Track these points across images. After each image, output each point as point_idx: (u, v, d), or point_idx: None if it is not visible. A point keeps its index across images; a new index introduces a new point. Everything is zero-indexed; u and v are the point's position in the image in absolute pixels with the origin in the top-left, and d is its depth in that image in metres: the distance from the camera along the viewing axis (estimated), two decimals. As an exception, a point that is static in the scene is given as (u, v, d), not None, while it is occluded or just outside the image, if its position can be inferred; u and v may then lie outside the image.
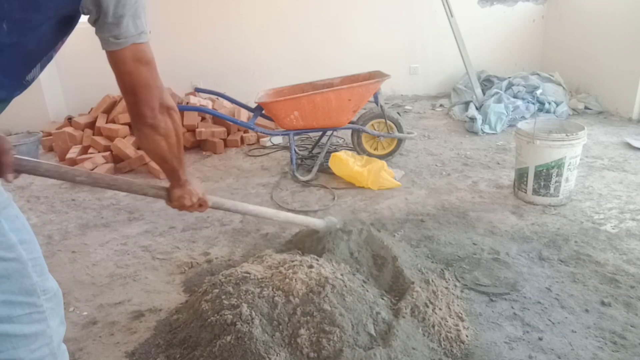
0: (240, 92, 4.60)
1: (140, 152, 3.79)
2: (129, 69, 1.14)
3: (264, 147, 4.25)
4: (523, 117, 4.39)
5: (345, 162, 3.24)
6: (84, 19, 1.10)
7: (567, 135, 2.63)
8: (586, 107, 4.82)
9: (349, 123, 3.52)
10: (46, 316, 1.08)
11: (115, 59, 1.13)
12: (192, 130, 4.19)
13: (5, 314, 0.99)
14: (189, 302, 2.00)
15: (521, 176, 2.85)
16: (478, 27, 5.54)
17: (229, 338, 1.58)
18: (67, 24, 1.06)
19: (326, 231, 2.15)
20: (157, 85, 1.20)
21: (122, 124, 4.13)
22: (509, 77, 5.00)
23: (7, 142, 1.17)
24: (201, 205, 1.58)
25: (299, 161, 3.76)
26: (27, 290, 1.03)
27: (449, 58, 5.48)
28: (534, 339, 1.74)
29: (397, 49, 5.66)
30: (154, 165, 3.63)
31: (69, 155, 3.85)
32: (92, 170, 3.58)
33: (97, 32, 1.10)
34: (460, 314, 1.85)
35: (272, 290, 1.76)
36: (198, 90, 3.93)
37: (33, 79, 1.11)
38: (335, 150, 3.61)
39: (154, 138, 1.26)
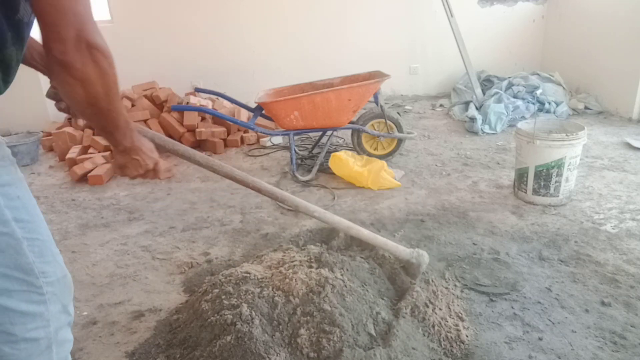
0: (240, 92, 4.60)
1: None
2: None
3: (264, 147, 4.25)
4: (523, 117, 4.39)
5: (345, 162, 3.24)
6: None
7: (567, 135, 2.63)
8: (586, 107, 4.82)
9: (349, 123, 3.52)
10: (46, 299, 1.08)
11: None
12: (192, 130, 4.20)
13: (3, 287, 1.01)
14: (189, 302, 2.00)
15: (521, 176, 2.85)
16: (478, 27, 5.54)
17: (229, 338, 1.58)
18: None
19: (413, 264, 2.00)
20: (75, 11, 0.92)
21: (122, 124, 4.12)
22: (509, 77, 5.00)
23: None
24: (154, 172, 1.36)
25: (299, 161, 3.76)
26: (23, 267, 1.03)
27: (449, 58, 5.48)
28: (534, 339, 1.74)
29: (397, 49, 5.66)
30: (154, 165, 3.62)
31: (69, 155, 3.84)
32: (92, 170, 3.58)
33: None
34: (460, 314, 1.85)
35: (272, 290, 1.76)
36: (198, 90, 3.93)
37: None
38: (335, 150, 3.61)
39: (66, 80, 0.95)
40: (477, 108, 4.59)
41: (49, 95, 1.48)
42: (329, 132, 3.66)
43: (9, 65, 1.00)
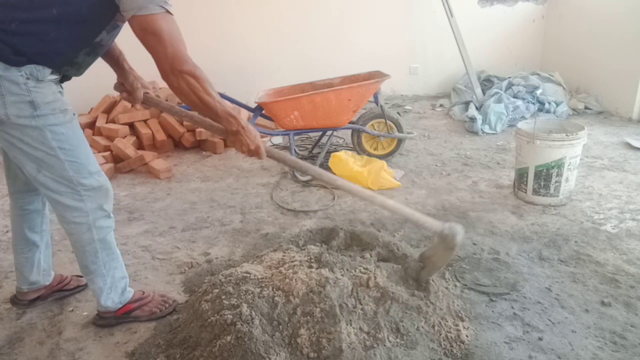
0: (240, 92, 4.59)
1: (140, 152, 3.79)
2: (138, 37, 1.49)
3: (264, 147, 4.24)
4: (523, 117, 4.39)
5: (345, 162, 3.24)
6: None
7: (567, 135, 2.63)
8: (586, 107, 4.82)
9: (349, 123, 3.52)
10: (83, 199, 1.66)
11: (131, 27, 1.49)
12: (192, 130, 4.19)
13: (57, 189, 1.63)
14: (189, 302, 2.00)
15: (521, 176, 2.85)
16: (478, 27, 5.53)
17: (229, 338, 1.58)
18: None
19: (447, 236, 1.81)
20: (166, 53, 1.48)
21: (122, 124, 4.13)
22: (509, 77, 5.00)
23: (143, 81, 1.88)
24: (256, 153, 1.75)
25: (299, 161, 3.76)
26: (65, 178, 1.61)
27: (449, 58, 5.48)
28: (534, 339, 1.74)
29: (397, 49, 5.65)
30: (154, 165, 3.63)
31: (69, 155, 3.84)
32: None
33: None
34: (460, 314, 1.85)
35: (272, 290, 1.76)
36: (198, 90, 3.92)
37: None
38: (335, 150, 3.61)
39: (177, 94, 1.58)
40: (477, 108, 4.59)
41: (116, 88, 1.97)
42: (329, 132, 3.66)
43: (80, 66, 1.64)
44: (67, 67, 1.58)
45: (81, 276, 2.12)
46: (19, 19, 1.42)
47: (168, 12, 1.48)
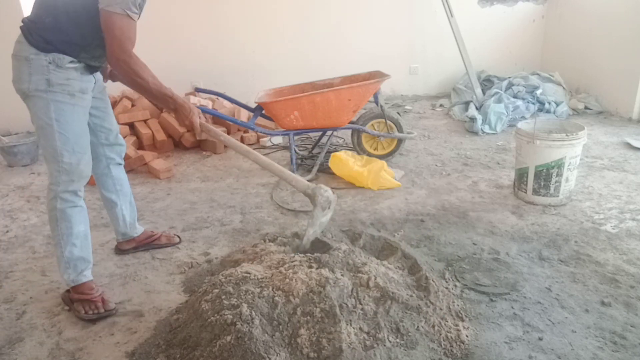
0: (240, 92, 4.60)
1: (140, 152, 3.79)
2: (102, 26, 1.82)
3: (264, 147, 4.25)
4: (523, 117, 4.39)
5: (345, 162, 3.24)
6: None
7: (567, 135, 2.63)
8: (586, 107, 4.83)
9: (349, 123, 3.52)
10: (60, 170, 1.95)
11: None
12: (192, 130, 4.19)
13: (46, 155, 1.97)
14: (189, 302, 2.00)
15: (521, 176, 2.85)
16: (478, 27, 5.53)
17: (229, 338, 1.58)
18: None
19: (309, 195, 2.13)
20: (112, 43, 1.83)
21: (122, 124, 4.12)
22: (509, 77, 5.00)
23: (198, 110, 2.11)
24: (191, 128, 2.13)
25: (299, 161, 3.76)
26: (53, 147, 1.91)
27: (449, 58, 5.48)
28: (534, 339, 1.74)
29: (397, 49, 5.66)
30: (154, 165, 3.63)
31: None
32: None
33: None
34: (460, 314, 1.85)
35: (272, 290, 1.76)
36: (198, 90, 3.92)
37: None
38: (335, 150, 3.61)
39: (120, 75, 2.00)
40: (477, 108, 4.59)
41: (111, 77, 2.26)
42: (329, 132, 3.66)
43: (96, 57, 1.97)
44: (84, 55, 1.91)
45: (176, 235, 2.62)
46: (52, 15, 1.84)
47: (129, 16, 1.81)
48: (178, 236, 2.60)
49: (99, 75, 2.12)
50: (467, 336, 1.74)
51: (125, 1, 1.78)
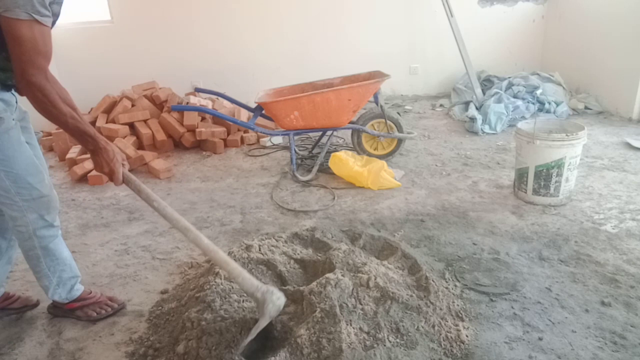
0: (240, 92, 4.60)
1: (140, 152, 3.79)
2: (5, 36, 1.43)
3: (264, 147, 4.25)
4: (523, 117, 4.39)
5: (345, 162, 3.24)
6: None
7: (567, 135, 2.63)
8: (586, 107, 4.82)
9: (349, 123, 3.52)
10: (22, 209, 1.69)
11: None
12: (192, 130, 4.20)
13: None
14: (189, 302, 2.00)
15: (521, 176, 2.85)
16: (478, 27, 5.53)
17: (229, 337, 1.58)
18: None
19: (258, 300, 1.62)
20: (20, 59, 1.43)
21: (122, 124, 4.13)
22: (509, 77, 4.99)
23: (122, 156, 1.69)
24: (110, 177, 1.66)
25: (299, 161, 3.76)
26: (3, 188, 1.64)
27: (449, 58, 5.48)
28: (534, 339, 1.74)
29: (397, 49, 5.65)
30: (154, 165, 3.63)
31: (68, 155, 3.85)
32: (92, 170, 3.58)
33: None
34: (460, 314, 1.85)
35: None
36: (198, 90, 3.93)
37: None
38: (335, 150, 3.61)
39: (29, 100, 1.51)
40: (477, 108, 4.59)
41: None
42: (329, 132, 3.66)
43: (4, 70, 1.55)
44: None
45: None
46: None
47: (37, 21, 1.41)
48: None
49: (18, 96, 1.70)
50: (467, 336, 1.74)
51: (30, 2, 1.38)
